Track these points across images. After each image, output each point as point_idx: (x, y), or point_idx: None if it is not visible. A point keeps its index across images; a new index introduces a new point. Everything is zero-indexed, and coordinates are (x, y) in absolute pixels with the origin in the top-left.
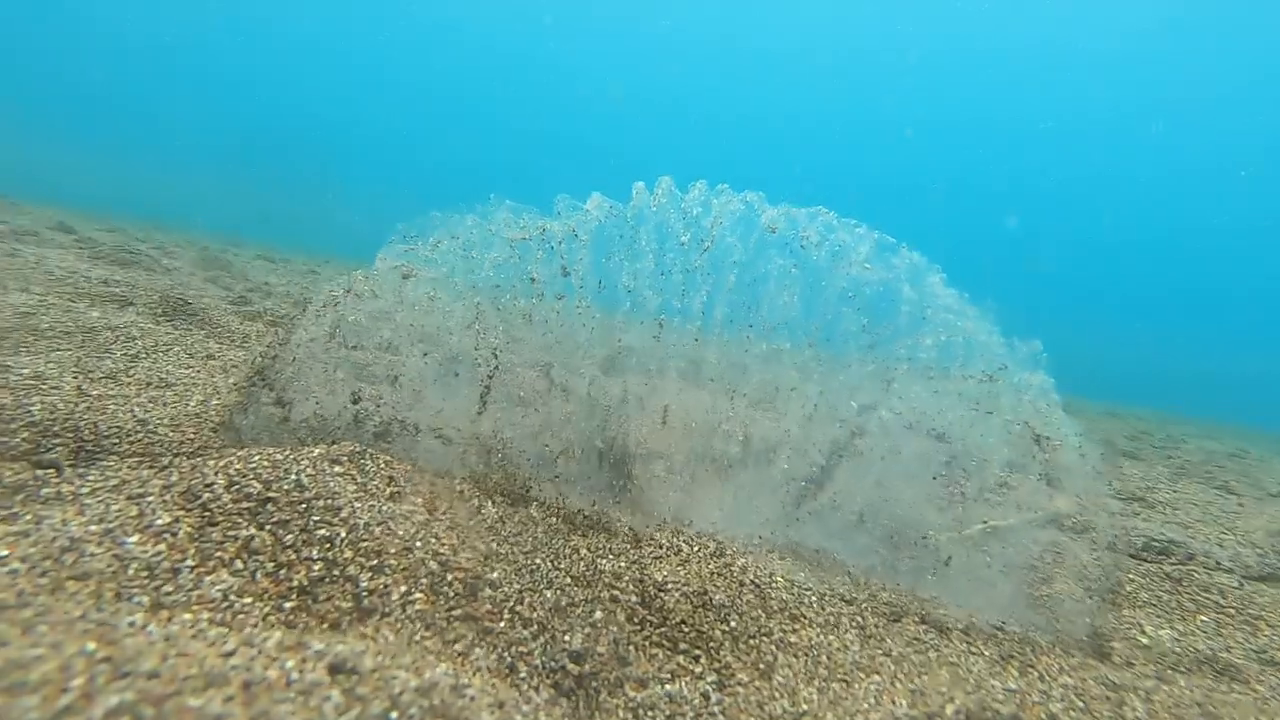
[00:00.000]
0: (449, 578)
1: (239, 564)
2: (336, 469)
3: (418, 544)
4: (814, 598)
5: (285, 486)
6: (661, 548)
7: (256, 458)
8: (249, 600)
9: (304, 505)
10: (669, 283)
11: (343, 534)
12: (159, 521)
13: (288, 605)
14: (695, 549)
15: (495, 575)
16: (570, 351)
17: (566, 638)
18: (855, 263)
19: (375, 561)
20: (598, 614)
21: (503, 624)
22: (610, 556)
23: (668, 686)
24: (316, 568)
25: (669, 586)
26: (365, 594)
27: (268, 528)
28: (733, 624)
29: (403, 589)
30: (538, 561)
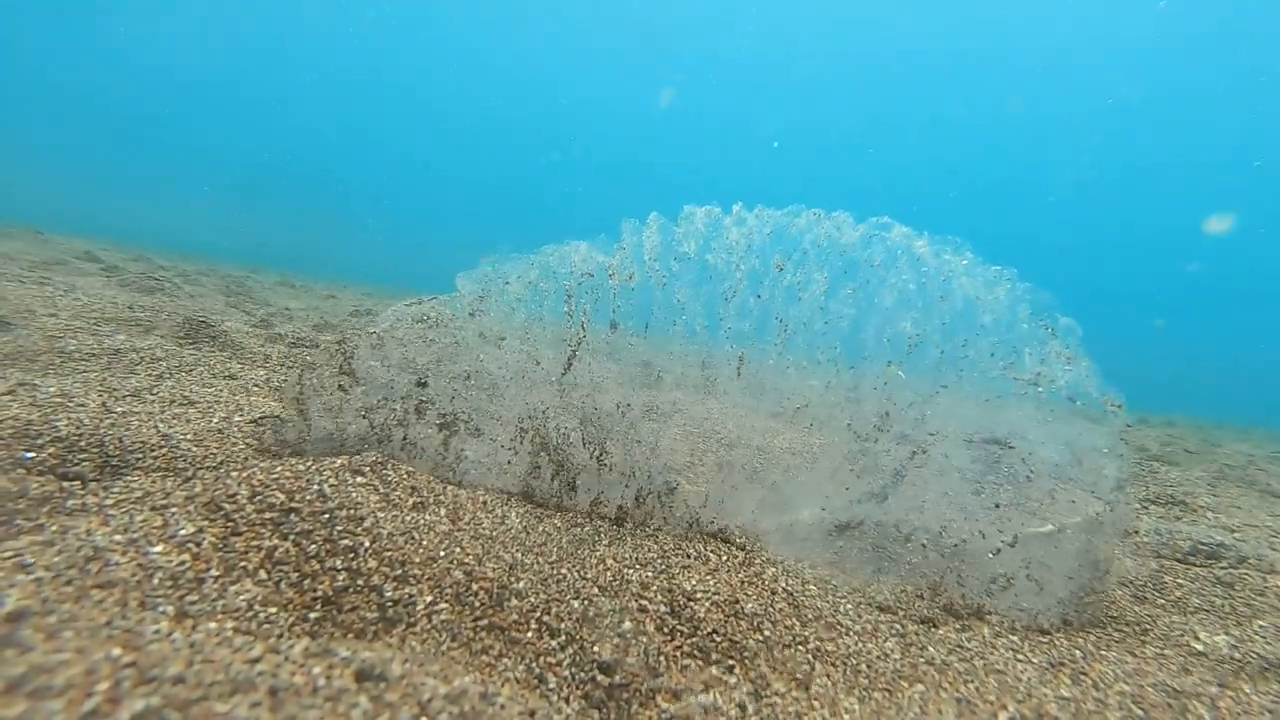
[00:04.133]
0: (474, 588)
1: (263, 574)
2: (359, 479)
3: (442, 554)
4: (850, 605)
5: (308, 497)
6: (689, 557)
7: (279, 469)
8: (274, 610)
9: (327, 515)
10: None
11: (366, 544)
12: (183, 531)
13: (312, 615)
14: (723, 558)
15: (521, 585)
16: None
17: (595, 648)
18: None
19: (399, 571)
20: (626, 624)
21: (530, 634)
22: (637, 566)
23: (701, 697)
24: (340, 578)
25: (699, 596)
26: (390, 604)
27: (291, 538)
28: (766, 633)
29: (428, 599)
30: (563, 571)
